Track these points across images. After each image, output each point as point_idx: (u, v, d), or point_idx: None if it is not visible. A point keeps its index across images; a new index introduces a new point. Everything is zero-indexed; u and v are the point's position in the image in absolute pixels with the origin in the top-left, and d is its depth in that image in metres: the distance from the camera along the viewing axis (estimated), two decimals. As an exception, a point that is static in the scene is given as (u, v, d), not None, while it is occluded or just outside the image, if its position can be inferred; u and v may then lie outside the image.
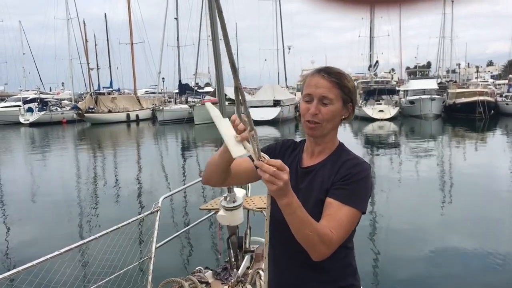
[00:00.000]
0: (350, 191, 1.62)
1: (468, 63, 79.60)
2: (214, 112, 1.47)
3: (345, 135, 26.59)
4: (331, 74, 1.68)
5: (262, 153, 1.38)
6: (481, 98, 35.26)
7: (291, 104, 38.69)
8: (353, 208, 1.61)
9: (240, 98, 1.30)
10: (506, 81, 52.58)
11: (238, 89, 1.27)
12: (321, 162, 1.75)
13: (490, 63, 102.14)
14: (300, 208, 1.47)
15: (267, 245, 1.45)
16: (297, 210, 1.46)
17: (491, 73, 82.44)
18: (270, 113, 34.11)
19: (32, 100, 46.24)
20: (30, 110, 43.83)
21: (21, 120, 42.20)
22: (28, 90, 53.26)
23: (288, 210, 1.45)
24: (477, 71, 67.51)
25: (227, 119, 1.45)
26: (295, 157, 1.83)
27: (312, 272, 1.71)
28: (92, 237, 3.13)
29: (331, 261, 1.64)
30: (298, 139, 1.91)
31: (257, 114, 33.76)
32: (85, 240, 3.11)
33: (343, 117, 1.74)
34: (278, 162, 1.37)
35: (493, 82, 60.15)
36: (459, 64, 69.21)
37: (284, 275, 1.76)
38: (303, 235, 1.49)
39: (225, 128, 1.45)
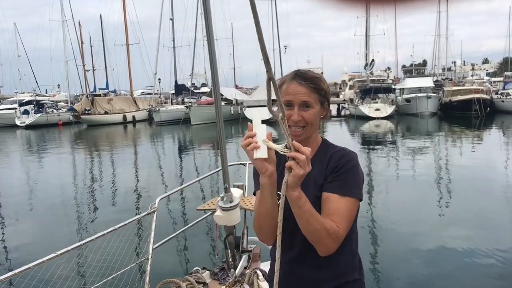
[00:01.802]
0: (344, 182, 1.67)
1: (464, 61, 79.92)
2: (256, 117, 1.57)
3: (342, 133, 26.65)
4: (308, 80, 1.74)
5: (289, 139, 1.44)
6: (477, 95, 35.35)
7: (287, 104, 38.63)
8: (350, 198, 1.66)
9: (273, 89, 1.34)
10: (501, 79, 52.68)
11: (271, 80, 1.30)
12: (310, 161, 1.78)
13: (486, 61, 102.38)
14: (308, 202, 1.52)
15: (279, 247, 1.45)
16: (306, 203, 1.52)
17: (487, 70, 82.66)
18: (267, 113, 33.95)
19: (28, 102, 46.14)
20: (26, 112, 43.76)
21: (17, 122, 42.12)
22: (24, 93, 53.25)
23: (298, 203, 1.51)
24: (473, 69, 67.66)
25: (264, 125, 1.54)
26: (284, 161, 1.84)
27: (319, 269, 1.73)
28: (89, 238, 3.12)
29: (337, 257, 1.67)
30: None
31: (254, 114, 33.72)
32: (82, 242, 3.10)
33: (322, 116, 1.81)
34: (309, 149, 1.44)
35: (489, 79, 60.28)
36: (454, 62, 69.34)
37: (291, 275, 1.76)
38: (311, 229, 1.55)
39: (261, 132, 1.52)
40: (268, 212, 1.66)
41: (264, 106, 1.43)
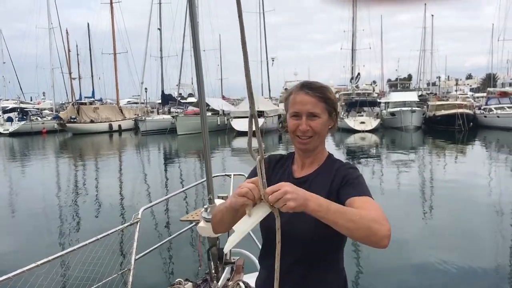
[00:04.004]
0: (359, 186, 1.65)
1: (448, 76, 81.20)
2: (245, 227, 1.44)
3: (328, 146, 26.67)
4: (314, 89, 1.73)
5: (261, 186, 1.37)
6: (460, 110, 35.89)
7: (274, 115, 38.90)
8: (369, 197, 1.60)
9: (254, 127, 1.30)
10: (484, 94, 53.64)
11: (253, 116, 1.27)
12: (314, 172, 1.79)
13: (469, 76, 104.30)
14: (330, 203, 1.42)
15: (279, 256, 1.42)
16: (330, 206, 1.40)
17: (470, 86, 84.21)
18: (261, 122, 34.24)
19: (12, 110, 45.74)
20: (9, 119, 43.33)
21: (1, 130, 41.65)
22: (8, 100, 52.71)
23: (322, 212, 1.39)
24: (457, 84, 68.70)
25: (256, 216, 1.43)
26: (285, 170, 1.85)
27: (304, 285, 1.70)
28: (70, 248, 3.08)
29: (323, 273, 1.66)
30: (281, 149, 1.95)
31: (240, 125, 33.81)
32: (63, 252, 3.06)
33: (329, 127, 1.81)
34: (269, 188, 1.36)
35: (472, 95, 61.38)
36: (439, 77, 70.50)
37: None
38: (353, 225, 1.41)
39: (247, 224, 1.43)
40: (223, 220, 1.66)
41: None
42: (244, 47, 1.15)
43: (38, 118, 46.47)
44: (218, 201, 3.62)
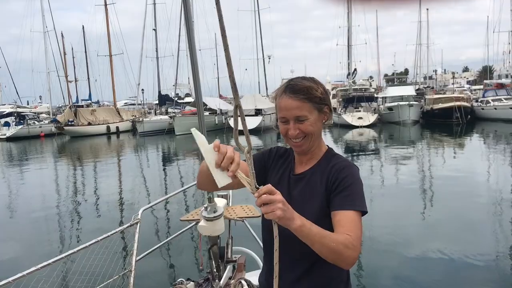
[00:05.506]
0: (346, 197, 1.63)
1: (445, 69, 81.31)
2: (200, 140, 1.43)
3: (326, 142, 26.74)
4: (298, 92, 1.67)
5: (256, 185, 1.36)
6: (458, 103, 35.94)
7: (272, 113, 38.93)
8: (353, 211, 1.61)
9: (240, 117, 1.27)
10: (481, 87, 53.74)
11: (238, 107, 1.25)
12: (312, 168, 1.78)
13: (466, 69, 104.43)
14: (313, 226, 1.45)
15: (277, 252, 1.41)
16: (311, 229, 1.44)
17: (467, 79, 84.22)
18: (252, 122, 34.20)
19: (9, 114, 45.62)
20: (6, 124, 43.25)
21: (-2, 135, 41.54)
22: (4, 104, 52.62)
23: (302, 233, 1.43)
24: (453, 77, 68.92)
25: (211, 147, 1.40)
26: (288, 165, 1.86)
27: (305, 277, 1.71)
28: (71, 251, 3.07)
29: (325, 267, 1.64)
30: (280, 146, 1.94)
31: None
32: (63, 255, 3.05)
33: (324, 121, 1.76)
34: (267, 186, 1.36)
35: (469, 87, 61.47)
36: (435, 71, 70.50)
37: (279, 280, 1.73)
38: (327, 249, 1.48)
39: (211, 157, 1.41)
40: (204, 175, 1.65)
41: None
42: (224, 39, 1.13)
43: (36, 122, 46.39)
44: (217, 200, 3.61)
